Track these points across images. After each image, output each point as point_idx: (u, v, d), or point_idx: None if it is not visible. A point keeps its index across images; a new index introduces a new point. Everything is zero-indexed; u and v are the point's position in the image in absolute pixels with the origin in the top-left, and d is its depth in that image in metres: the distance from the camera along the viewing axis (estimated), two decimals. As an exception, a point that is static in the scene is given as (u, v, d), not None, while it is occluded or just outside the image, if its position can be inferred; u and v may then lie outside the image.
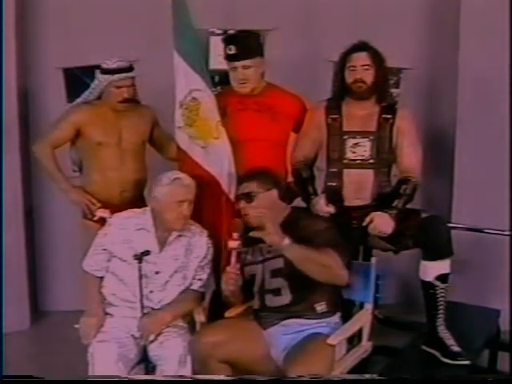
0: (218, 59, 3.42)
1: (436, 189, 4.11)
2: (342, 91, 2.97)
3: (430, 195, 3.99)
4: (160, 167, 3.13)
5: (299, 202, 3.00)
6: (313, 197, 2.93)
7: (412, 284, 3.44)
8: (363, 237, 2.88)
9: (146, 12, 3.95)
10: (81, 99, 3.26)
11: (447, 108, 4.07)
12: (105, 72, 3.11)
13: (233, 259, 2.60)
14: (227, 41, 3.02)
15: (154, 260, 2.69)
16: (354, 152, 2.92)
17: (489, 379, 2.32)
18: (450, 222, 3.40)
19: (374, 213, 2.80)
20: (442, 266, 2.77)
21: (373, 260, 2.82)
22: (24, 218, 3.95)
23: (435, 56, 4.17)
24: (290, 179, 3.08)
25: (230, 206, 2.92)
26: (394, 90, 4.01)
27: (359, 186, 2.91)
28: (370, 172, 2.91)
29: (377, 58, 2.92)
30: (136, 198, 3.19)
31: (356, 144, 2.93)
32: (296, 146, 3.07)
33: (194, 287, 2.79)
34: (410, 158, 2.93)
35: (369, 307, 2.78)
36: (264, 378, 2.31)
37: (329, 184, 2.96)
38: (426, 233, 2.73)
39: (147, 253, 2.63)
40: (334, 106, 3.00)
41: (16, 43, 3.80)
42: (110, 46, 3.67)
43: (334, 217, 2.83)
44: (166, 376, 2.50)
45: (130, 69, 3.14)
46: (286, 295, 2.60)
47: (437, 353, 2.79)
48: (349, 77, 2.92)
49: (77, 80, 3.92)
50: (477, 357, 2.93)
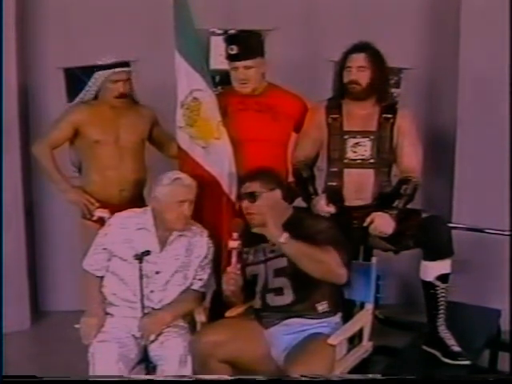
0: (219, 59, 3.43)
1: (436, 189, 4.11)
2: (342, 91, 2.98)
3: (431, 195, 3.99)
4: (160, 167, 3.13)
5: (299, 202, 3.00)
6: (313, 197, 2.93)
7: (412, 284, 3.44)
8: (364, 237, 2.88)
9: (147, 12, 3.96)
10: (78, 99, 3.26)
11: (447, 108, 4.07)
12: (100, 68, 3.12)
13: (233, 259, 2.60)
14: (229, 41, 3.02)
15: (155, 260, 2.69)
16: (355, 152, 2.93)
17: (489, 379, 2.33)
18: (451, 222, 3.39)
19: (375, 213, 2.80)
20: (443, 266, 2.77)
21: (373, 260, 2.82)
22: (24, 218, 3.95)
23: (435, 56, 4.17)
24: (291, 179, 3.08)
25: (231, 206, 2.93)
26: (395, 90, 4.01)
27: (360, 186, 2.91)
28: (371, 172, 2.92)
29: (375, 59, 2.92)
30: (135, 198, 3.19)
31: (356, 144, 2.93)
32: (296, 146, 3.07)
33: (195, 287, 2.79)
34: (411, 158, 2.93)
35: (369, 307, 2.77)
36: (264, 378, 2.31)
37: (329, 184, 2.96)
38: (427, 233, 2.73)
39: (148, 252, 2.62)
40: (335, 106, 3.00)
41: (16, 43, 3.80)
42: (110, 46, 3.65)
43: (335, 217, 2.83)
44: (167, 376, 2.50)
45: (126, 64, 3.15)
46: (288, 295, 2.60)
47: (437, 353, 2.79)
48: (345, 77, 2.93)
49: (77, 80, 3.90)
50: (477, 357, 2.93)
